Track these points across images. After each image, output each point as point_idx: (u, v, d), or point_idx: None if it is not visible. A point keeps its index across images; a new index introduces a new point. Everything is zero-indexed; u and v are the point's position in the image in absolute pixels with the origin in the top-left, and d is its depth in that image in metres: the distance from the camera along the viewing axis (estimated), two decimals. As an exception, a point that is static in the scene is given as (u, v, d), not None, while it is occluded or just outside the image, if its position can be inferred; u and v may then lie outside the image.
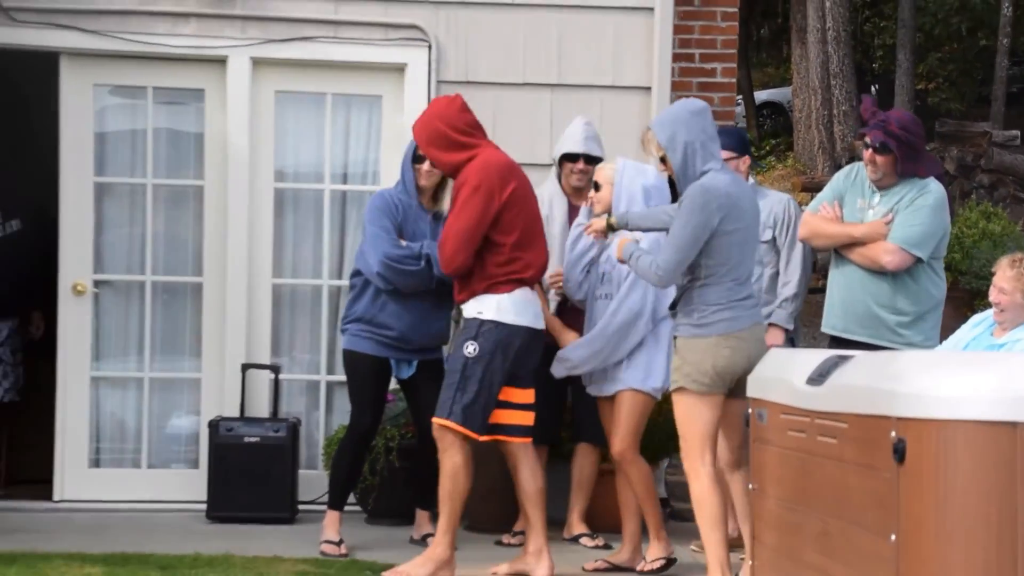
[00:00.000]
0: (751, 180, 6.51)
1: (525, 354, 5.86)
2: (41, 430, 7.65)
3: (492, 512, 6.76)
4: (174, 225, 7.62)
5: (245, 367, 7.37)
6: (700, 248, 5.34)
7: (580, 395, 6.45)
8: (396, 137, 7.49)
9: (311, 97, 7.59)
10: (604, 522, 6.62)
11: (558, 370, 6.18)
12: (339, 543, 6.37)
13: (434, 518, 6.16)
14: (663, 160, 5.49)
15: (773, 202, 6.62)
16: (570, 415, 6.78)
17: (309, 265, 7.67)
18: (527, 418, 5.90)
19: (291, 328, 7.68)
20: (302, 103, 7.60)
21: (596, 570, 6.11)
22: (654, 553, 6.09)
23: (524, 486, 5.86)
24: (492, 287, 5.77)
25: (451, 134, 5.79)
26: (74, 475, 7.50)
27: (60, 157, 7.49)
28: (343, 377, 7.32)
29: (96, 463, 7.60)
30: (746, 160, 6.51)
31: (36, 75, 7.75)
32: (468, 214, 5.72)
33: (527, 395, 5.91)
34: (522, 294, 5.83)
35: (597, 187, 5.97)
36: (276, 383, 7.39)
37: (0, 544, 6.32)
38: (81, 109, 7.45)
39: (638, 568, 6.09)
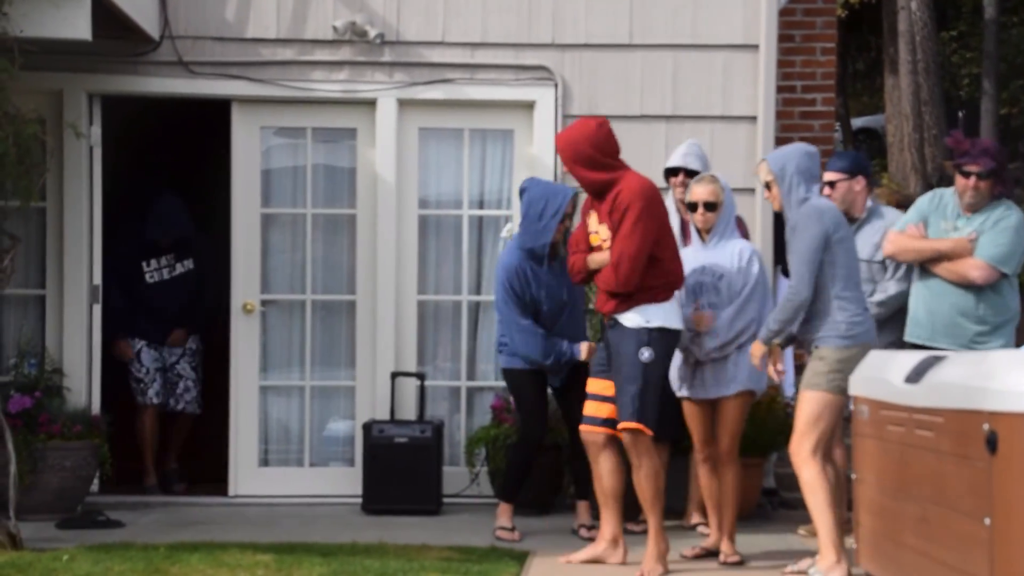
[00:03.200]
0: (869, 202, 6.41)
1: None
2: (216, 434, 7.76)
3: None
4: (330, 249, 7.69)
5: (394, 375, 7.41)
6: (822, 257, 5.35)
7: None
8: (527, 166, 7.53)
9: (450, 132, 7.63)
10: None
11: (712, 342, 6.02)
12: (512, 529, 6.41)
13: (592, 507, 6.28)
14: (768, 187, 5.58)
15: (889, 223, 6.43)
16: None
17: (450, 283, 7.70)
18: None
19: (434, 340, 7.70)
20: (443, 138, 7.64)
21: (695, 556, 6.11)
22: (730, 552, 6.02)
23: (608, 480, 5.86)
24: (654, 296, 5.73)
25: (597, 156, 5.74)
26: (246, 473, 7.61)
27: (232, 191, 7.62)
28: (482, 383, 7.64)
29: (265, 462, 7.69)
30: (860, 180, 6.38)
31: (208, 121, 7.92)
32: (639, 237, 5.66)
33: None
34: (675, 301, 5.86)
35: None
36: (422, 389, 7.41)
37: (183, 535, 6.44)
38: (250, 149, 7.57)
39: (720, 560, 6.04)
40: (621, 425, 5.74)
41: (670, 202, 6.73)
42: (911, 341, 6.15)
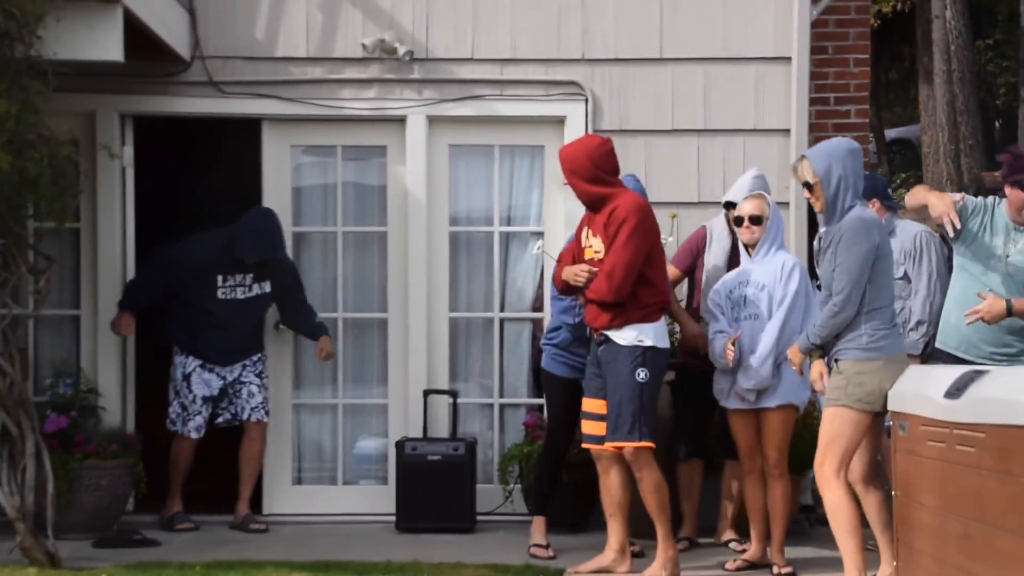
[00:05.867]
0: (883, 221, 6.27)
1: None
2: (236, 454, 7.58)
3: (640, 517, 6.48)
4: (361, 267, 7.69)
5: (426, 392, 7.40)
6: (869, 274, 5.28)
7: (721, 415, 6.46)
8: (558, 183, 7.26)
9: (480, 149, 7.64)
10: (746, 527, 6.56)
11: (747, 383, 6.07)
12: (547, 546, 6.39)
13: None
14: (808, 187, 5.45)
15: (904, 239, 6.53)
16: (716, 432, 6.73)
17: (481, 300, 7.69)
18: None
19: (466, 357, 7.70)
20: (473, 155, 7.64)
21: (737, 569, 6.12)
22: (781, 564, 6.07)
23: (617, 492, 5.95)
24: (647, 316, 5.83)
25: (594, 170, 5.85)
26: (280, 492, 7.59)
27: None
28: (514, 400, 7.63)
29: (298, 480, 7.68)
30: (874, 203, 6.40)
31: (239, 139, 7.92)
32: (632, 248, 5.78)
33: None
34: (663, 321, 5.96)
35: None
36: (454, 406, 7.39)
37: (219, 553, 6.44)
38: (280, 167, 7.56)
39: (773, 573, 6.07)
40: (624, 445, 5.83)
41: (722, 224, 6.70)
42: (941, 348, 6.08)
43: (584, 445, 6.07)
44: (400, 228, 7.57)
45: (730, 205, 6.58)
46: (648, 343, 5.82)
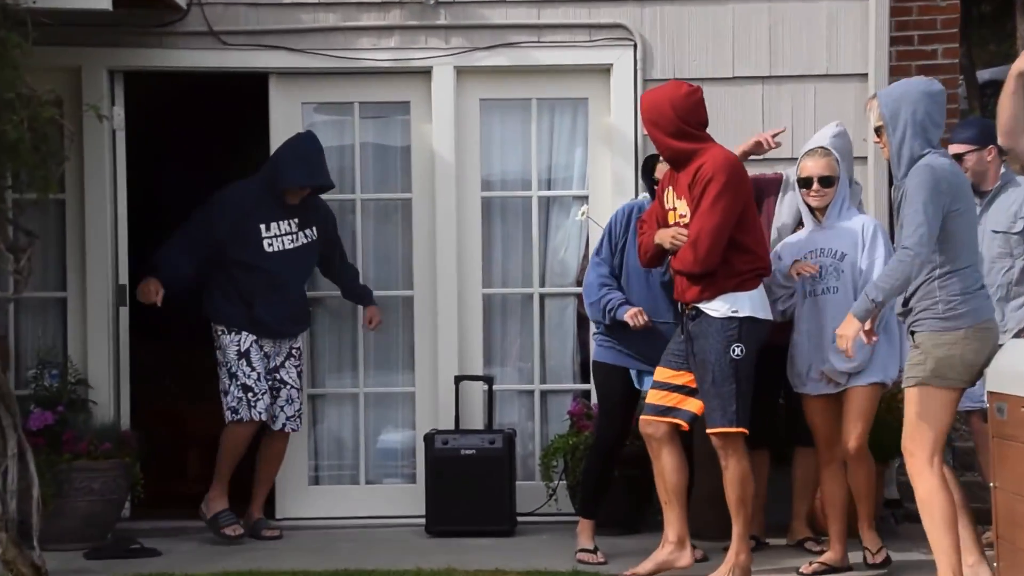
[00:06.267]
0: (1002, 168, 6.31)
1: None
2: (254, 450, 7.56)
3: (717, 517, 6.57)
4: (383, 239, 7.71)
5: (458, 379, 7.41)
6: (939, 223, 5.19)
7: (792, 399, 6.47)
8: (604, 139, 7.54)
9: (516, 103, 7.64)
10: (821, 526, 6.61)
11: (844, 364, 6.03)
12: (595, 551, 6.43)
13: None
14: (878, 132, 5.41)
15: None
16: (783, 417, 6.77)
17: (518, 274, 7.71)
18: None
19: (503, 338, 7.71)
20: (507, 110, 7.66)
21: (814, 573, 6.12)
22: (875, 543, 6.10)
23: (672, 476, 6.01)
24: (741, 284, 5.85)
25: (680, 123, 5.88)
26: (295, 493, 7.59)
27: None
28: (557, 385, 7.68)
29: (316, 480, 7.70)
30: (991, 150, 6.23)
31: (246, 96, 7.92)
32: (721, 211, 5.79)
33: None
34: (763, 289, 5.95)
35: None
36: (490, 394, 7.41)
37: (227, 562, 6.47)
38: (290, 128, 7.51)
39: (869, 562, 6.10)
40: (716, 430, 5.87)
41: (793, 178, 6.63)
42: None
43: (641, 417, 6.09)
44: (426, 194, 7.60)
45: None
46: (744, 314, 5.84)
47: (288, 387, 7.25)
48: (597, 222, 6.98)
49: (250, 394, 7.10)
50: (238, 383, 7.10)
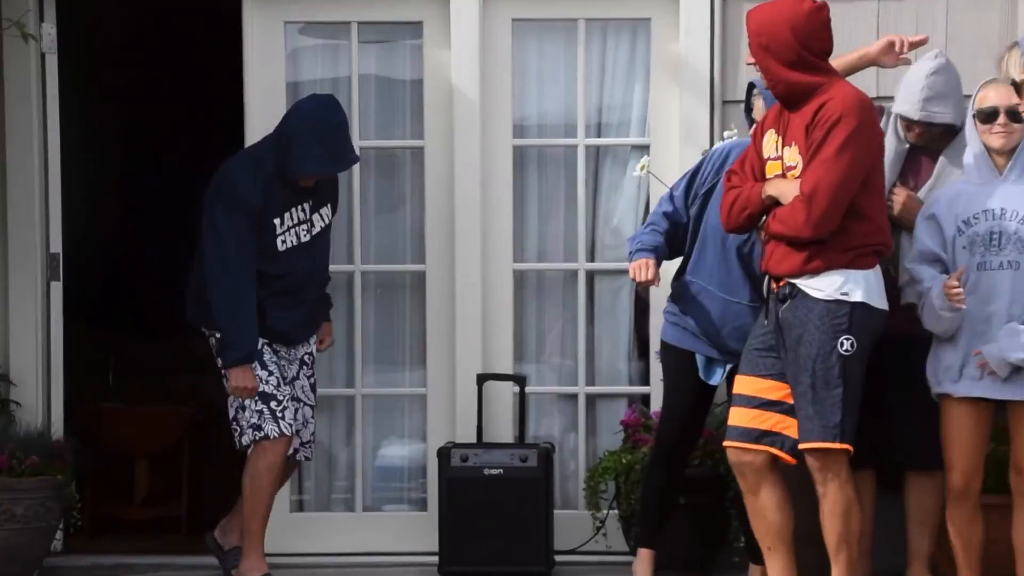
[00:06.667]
0: None
1: None
2: (228, 464, 7.47)
3: (815, 558, 6.25)
4: (387, 199, 7.55)
5: (482, 378, 7.22)
6: None
7: (906, 408, 6.29)
8: (670, 72, 7.32)
9: (558, 26, 7.49)
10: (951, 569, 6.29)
11: (1018, 352, 5.84)
12: None
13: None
14: (1018, 88, 5.51)
15: None
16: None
17: (560, 244, 7.52)
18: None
19: (539, 327, 7.55)
20: (547, 34, 7.49)
21: None
22: None
23: (774, 516, 5.89)
24: (856, 260, 5.69)
25: (801, 50, 5.72)
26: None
27: (245, 114, 7.39)
28: (607, 388, 7.53)
29: (299, 506, 7.53)
30: None
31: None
32: (847, 163, 5.62)
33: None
34: (880, 270, 5.82)
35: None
36: (522, 398, 7.27)
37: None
38: (270, 54, 7.43)
39: None
40: (813, 445, 5.71)
41: (891, 126, 6.51)
42: None
43: (726, 444, 5.91)
44: (442, 141, 7.39)
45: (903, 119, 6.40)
46: (856, 298, 5.67)
47: (303, 405, 6.93)
48: (661, 179, 6.88)
49: (273, 403, 6.71)
50: (263, 394, 6.73)
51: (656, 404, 6.98)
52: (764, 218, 5.88)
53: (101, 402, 8.59)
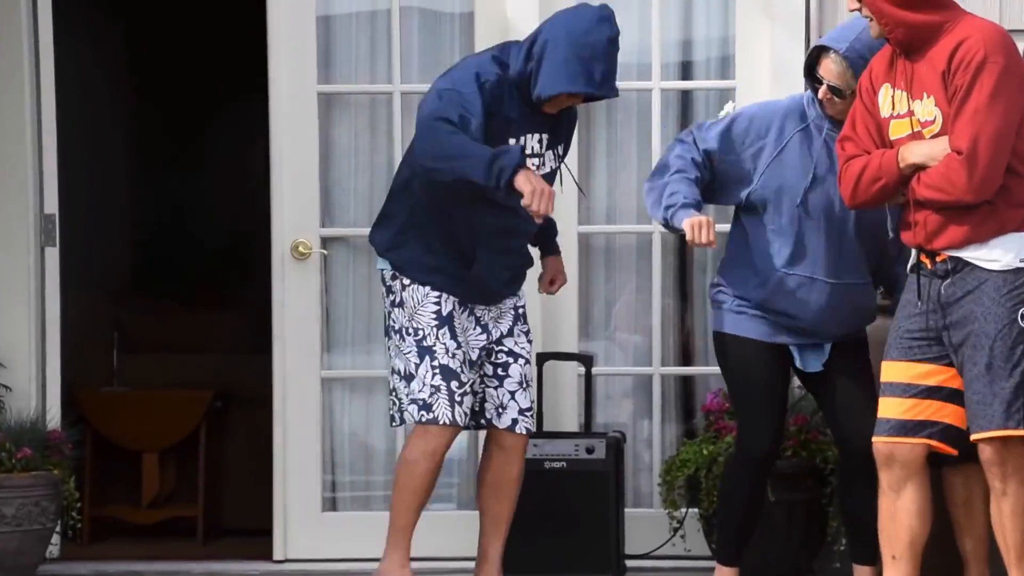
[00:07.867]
0: None
1: None
2: (251, 458, 7.50)
3: (945, 566, 6.19)
4: None
5: (542, 358, 6.95)
6: None
7: None
8: (760, 6, 7.06)
9: None
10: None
11: None
12: None
13: None
14: None
15: None
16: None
17: (632, 205, 7.23)
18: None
19: (606, 299, 7.34)
20: None
21: None
22: None
23: (912, 521, 5.61)
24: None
25: None
26: (301, 523, 7.18)
27: (268, 56, 7.09)
28: (686, 369, 7.42)
29: (332, 504, 7.30)
30: None
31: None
32: (1003, 109, 5.34)
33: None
34: None
35: None
36: (588, 381, 7.01)
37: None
38: None
39: None
40: (993, 434, 5.39)
41: None
42: None
43: (875, 439, 5.62)
44: None
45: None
46: None
47: (520, 362, 6.21)
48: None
49: (454, 383, 5.97)
50: (433, 363, 5.98)
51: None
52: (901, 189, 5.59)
53: (104, 386, 8.53)
